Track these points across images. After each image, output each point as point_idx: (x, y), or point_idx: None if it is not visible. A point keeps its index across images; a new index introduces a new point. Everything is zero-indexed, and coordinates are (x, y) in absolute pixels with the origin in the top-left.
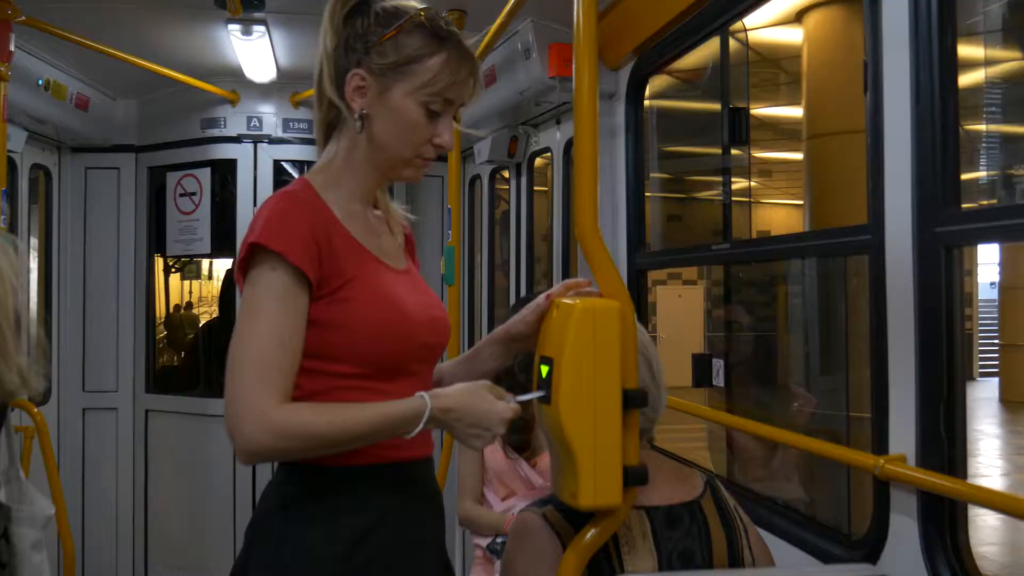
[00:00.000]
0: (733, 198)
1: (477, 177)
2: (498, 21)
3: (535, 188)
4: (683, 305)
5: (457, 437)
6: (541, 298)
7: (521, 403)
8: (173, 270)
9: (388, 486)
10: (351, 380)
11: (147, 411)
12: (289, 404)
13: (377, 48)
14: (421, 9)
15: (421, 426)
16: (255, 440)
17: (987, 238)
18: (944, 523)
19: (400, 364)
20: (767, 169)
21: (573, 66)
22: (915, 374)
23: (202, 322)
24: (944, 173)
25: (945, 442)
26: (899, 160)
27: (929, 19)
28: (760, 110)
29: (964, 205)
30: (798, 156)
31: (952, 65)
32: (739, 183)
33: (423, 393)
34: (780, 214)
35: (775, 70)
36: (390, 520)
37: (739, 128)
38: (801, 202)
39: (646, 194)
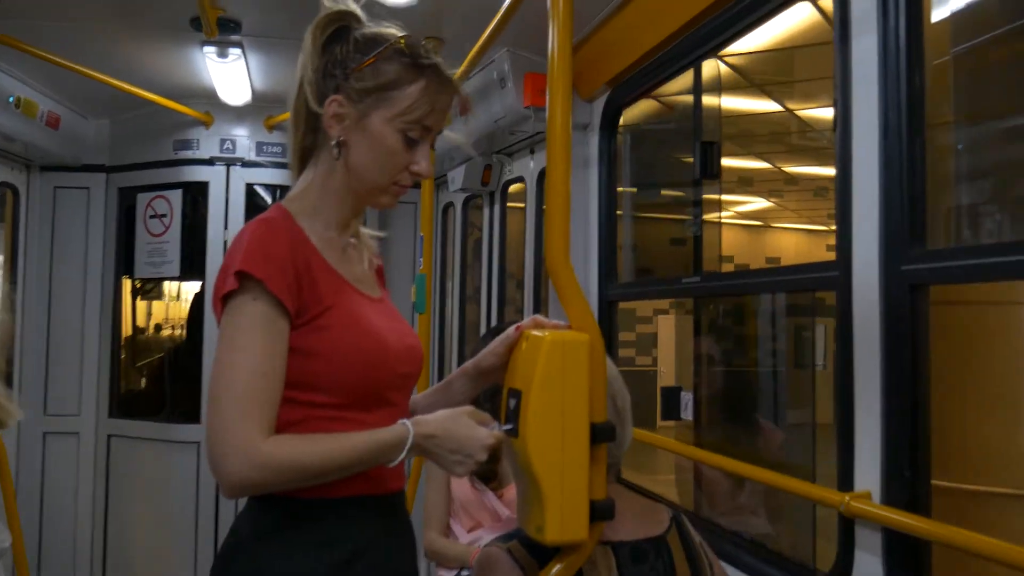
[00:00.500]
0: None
1: (450, 204)
2: (474, 50)
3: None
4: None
5: (439, 463)
6: (511, 330)
7: (506, 431)
8: (141, 293)
9: (367, 517)
10: (328, 410)
11: (110, 436)
12: (274, 437)
13: (356, 74)
14: (401, 36)
15: (405, 453)
16: (241, 474)
17: (953, 278)
18: (908, 561)
19: (378, 393)
20: (778, 189)
21: (547, 96)
22: (880, 412)
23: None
24: (911, 211)
25: (910, 480)
26: (867, 197)
27: (898, 59)
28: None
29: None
30: (818, 170)
31: (920, 105)
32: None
33: (405, 420)
34: (791, 240)
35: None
36: (369, 553)
37: (710, 162)
38: (817, 227)
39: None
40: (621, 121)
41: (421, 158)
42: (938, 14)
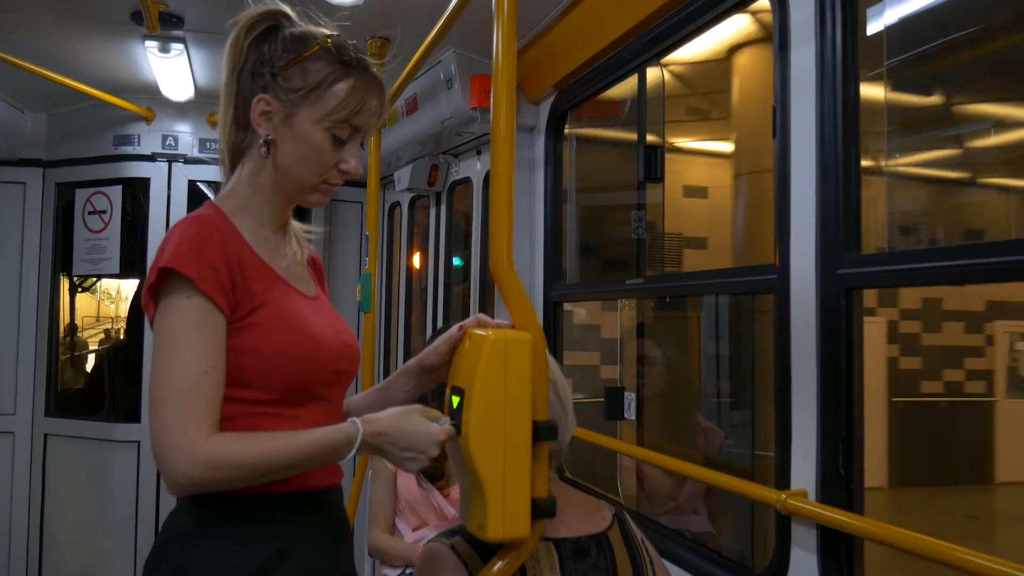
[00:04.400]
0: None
1: (397, 204)
2: (420, 50)
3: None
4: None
5: (391, 460)
6: (454, 329)
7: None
8: (79, 290)
9: (294, 514)
10: (261, 406)
11: (46, 435)
12: (219, 435)
13: (283, 74)
14: (328, 36)
15: (354, 451)
16: (187, 473)
17: (886, 282)
18: (842, 557)
19: (308, 389)
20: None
21: (492, 98)
22: (816, 412)
23: (93, 346)
24: (846, 217)
25: (844, 478)
26: (804, 203)
27: (834, 68)
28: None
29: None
30: None
31: (855, 113)
32: None
33: (355, 419)
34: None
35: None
36: (295, 550)
37: (654, 165)
38: None
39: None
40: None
41: (350, 156)
42: (873, 27)
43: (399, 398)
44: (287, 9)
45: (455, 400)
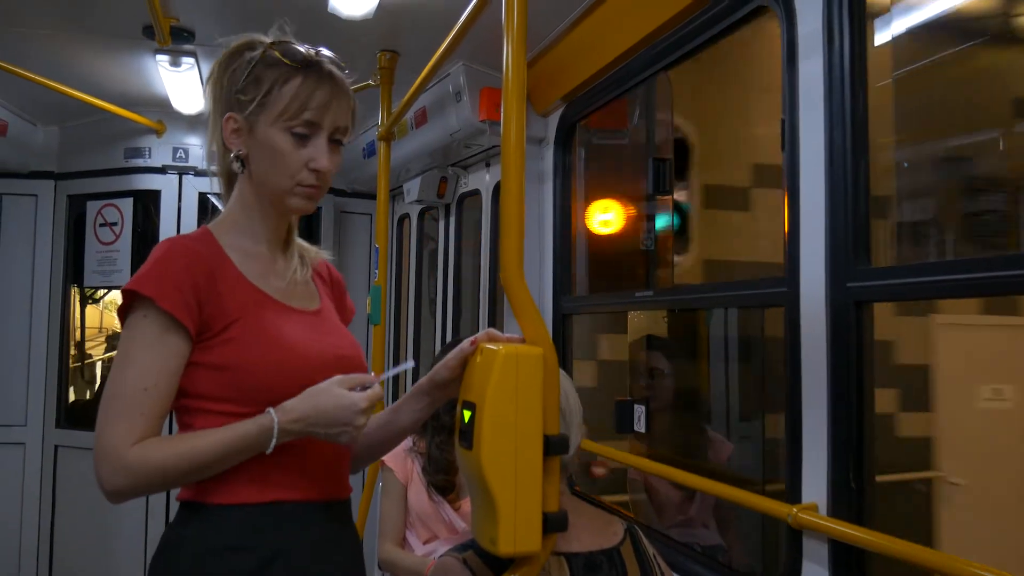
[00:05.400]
0: None
1: (406, 216)
2: (430, 64)
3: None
4: None
5: (324, 439)
6: (465, 343)
7: (385, 381)
8: (90, 301)
9: (285, 525)
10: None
11: (56, 447)
12: (141, 443)
13: (241, 88)
14: (271, 42)
15: (275, 441)
16: (111, 481)
17: (897, 295)
18: (854, 572)
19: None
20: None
21: (502, 111)
22: (827, 425)
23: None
24: (856, 229)
25: (855, 492)
26: (814, 215)
27: (843, 80)
28: None
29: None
30: None
31: (864, 125)
32: None
33: (271, 409)
34: None
35: None
36: (280, 560)
37: (663, 178)
38: None
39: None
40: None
41: (317, 154)
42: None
43: (407, 419)
44: (262, 38)
45: (466, 415)
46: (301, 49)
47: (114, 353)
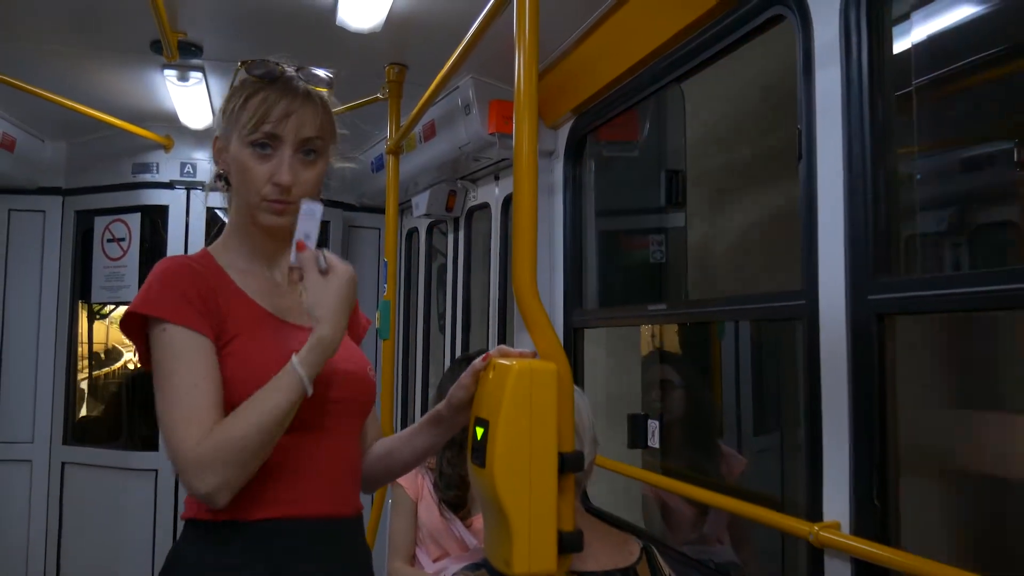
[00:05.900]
0: None
1: (415, 230)
2: (439, 76)
3: None
4: None
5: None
6: (477, 361)
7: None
8: (98, 317)
9: (291, 541)
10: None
11: (63, 464)
12: (207, 435)
13: (222, 108)
14: (243, 62)
15: (305, 373)
16: (202, 481)
17: (919, 307)
18: None
19: (300, 417)
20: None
21: (513, 123)
22: (849, 441)
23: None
24: (877, 240)
25: (879, 510)
26: (833, 227)
27: (861, 90)
28: None
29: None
30: None
31: (883, 135)
32: None
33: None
34: None
35: None
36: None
37: (675, 190)
38: None
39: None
40: None
41: (276, 168)
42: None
43: (424, 443)
44: (256, 59)
45: (479, 431)
46: (271, 65)
47: (119, 366)
